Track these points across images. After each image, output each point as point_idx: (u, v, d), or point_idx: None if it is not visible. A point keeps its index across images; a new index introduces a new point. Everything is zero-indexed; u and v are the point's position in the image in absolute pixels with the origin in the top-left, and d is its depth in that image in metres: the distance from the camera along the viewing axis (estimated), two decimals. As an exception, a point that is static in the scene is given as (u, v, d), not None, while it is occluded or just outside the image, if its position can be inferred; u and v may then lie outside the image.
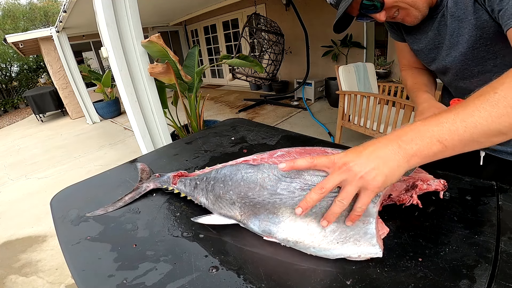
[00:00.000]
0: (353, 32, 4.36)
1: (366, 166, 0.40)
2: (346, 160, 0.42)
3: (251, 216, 0.50)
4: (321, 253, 0.44)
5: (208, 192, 0.57)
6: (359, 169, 0.40)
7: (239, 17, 6.34)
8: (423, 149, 0.39)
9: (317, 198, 0.42)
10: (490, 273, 0.38)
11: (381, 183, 0.40)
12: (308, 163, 0.44)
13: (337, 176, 0.41)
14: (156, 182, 0.71)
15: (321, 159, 0.44)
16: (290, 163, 0.44)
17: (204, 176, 0.61)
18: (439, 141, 0.39)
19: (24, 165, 4.05)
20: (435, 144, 0.39)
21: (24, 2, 17.17)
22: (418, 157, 0.40)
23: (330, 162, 0.43)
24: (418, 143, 0.40)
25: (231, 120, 1.21)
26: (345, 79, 2.68)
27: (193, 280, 0.43)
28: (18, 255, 2.06)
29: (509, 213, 0.49)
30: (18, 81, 11.22)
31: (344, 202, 0.41)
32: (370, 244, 0.42)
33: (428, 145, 0.39)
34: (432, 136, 0.39)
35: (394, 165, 0.40)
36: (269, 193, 0.48)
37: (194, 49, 2.56)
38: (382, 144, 0.41)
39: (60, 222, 0.63)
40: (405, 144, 0.40)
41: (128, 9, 1.88)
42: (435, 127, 0.40)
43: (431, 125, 0.40)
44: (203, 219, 0.55)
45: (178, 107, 2.63)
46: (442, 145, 0.39)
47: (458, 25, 0.58)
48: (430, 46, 0.68)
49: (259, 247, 0.49)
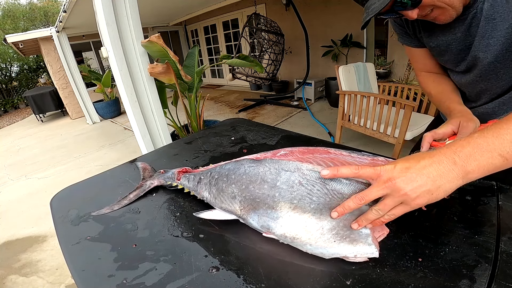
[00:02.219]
0: (353, 32, 4.35)
1: (412, 183, 0.39)
2: (392, 175, 0.40)
3: (250, 211, 0.50)
4: (317, 251, 0.44)
5: (211, 186, 0.59)
6: (404, 186, 0.39)
7: (239, 17, 6.34)
8: (483, 164, 0.38)
9: (354, 207, 0.42)
10: (490, 273, 0.38)
11: (424, 201, 0.39)
12: (353, 173, 0.43)
13: (380, 190, 0.41)
14: (161, 179, 0.72)
15: (367, 169, 0.42)
16: (334, 170, 0.44)
17: (208, 171, 0.62)
18: (500, 155, 0.37)
19: (24, 165, 4.05)
20: (496, 158, 0.37)
21: (24, 2, 17.18)
22: (477, 173, 0.38)
23: (376, 174, 0.42)
24: (477, 158, 0.38)
25: (231, 120, 1.21)
26: (345, 79, 2.68)
27: (193, 280, 0.43)
28: (18, 255, 2.06)
29: (509, 213, 0.49)
30: (18, 81, 11.22)
31: (380, 212, 0.41)
32: (366, 244, 0.42)
33: (488, 160, 0.37)
34: (493, 149, 0.37)
35: (444, 182, 0.38)
36: (269, 186, 0.49)
37: (194, 49, 2.56)
38: (436, 159, 0.39)
39: (60, 222, 0.63)
40: (462, 160, 0.38)
41: (128, 9, 1.88)
42: (496, 140, 0.38)
43: (490, 137, 0.38)
44: (205, 214, 0.56)
45: (178, 107, 2.63)
46: (504, 158, 0.37)
47: (492, 27, 0.57)
48: (460, 46, 0.66)
49: (259, 247, 0.49)
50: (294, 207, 0.46)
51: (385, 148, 2.76)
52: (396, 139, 2.16)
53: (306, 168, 0.47)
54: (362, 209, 0.44)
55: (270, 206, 0.48)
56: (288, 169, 0.48)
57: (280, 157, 0.55)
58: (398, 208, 0.41)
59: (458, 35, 0.64)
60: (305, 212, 0.45)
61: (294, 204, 0.46)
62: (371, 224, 0.43)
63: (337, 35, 4.56)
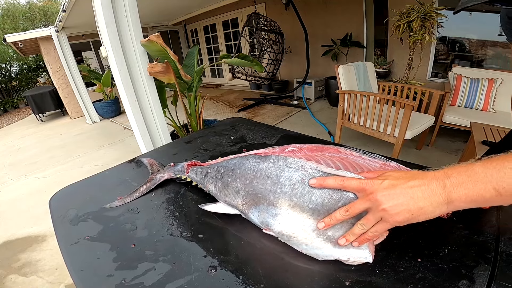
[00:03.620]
0: (353, 32, 4.35)
1: (393, 200, 0.38)
2: (376, 188, 0.40)
3: (251, 207, 0.51)
4: (312, 251, 0.44)
5: (217, 180, 0.59)
6: (385, 201, 0.39)
7: (239, 17, 6.33)
8: (471, 194, 0.35)
9: (341, 219, 0.43)
10: (490, 273, 0.38)
11: (403, 220, 0.38)
12: (338, 185, 0.44)
13: (363, 203, 0.41)
14: (171, 172, 0.73)
15: (352, 182, 0.43)
16: (320, 180, 0.45)
17: (215, 165, 0.63)
18: (494, 188, 0.34)
19: (24, 164, 4.05)
20: (489, 191, 0.35)
21: (23, 2, 17.14)
22: (463, 202, 0.36)
23: (360, 187, 0.42)
24: (468, 187, 0.35)
25: (231, 120, 1.21)
26: (345, 78, 2.68)
27: (192, 280, 0.43)
28: (17, 255, 2.06)
29: (509, 214, 0.49)
30: (17, 81, 11.21)
31: (364, 227, 0.42)
32: (360, 248, 0.42)
33: (479, 191, 0.35)
34: (489, 181, 0.35)
35: (427, 205, 0.37)
36: (272, 182, 0.49)
37: (194, 48, 2.56)
38: (426, 181, 0.38)
39: (59, 222, 0.63)
40: (453, 186, 0.36)
41: (128, 8, 1.88)
42: (496, 173, 0.34)
43: (491, 169, 0.35)
44: (209, 207, 0.57)
45: (177, 107, 2.62)
46: (497, 193, 0.34)
47: None
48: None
49: (258, 247, 0.49)
50: (293, 205, 0.46)
51: (385, 148, 2.76)
52: (396, 139, 2.16)
53: (310, 166, 0.47)
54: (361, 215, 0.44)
55: (270, 202, 0.48)
56: (292, 166, 0.48)
57: (288, 153, 0.55)
58: (379, 225, 0.41)
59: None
60: (303, 212, 0.45)
61: (294, 202, 0.46)
62: (357, 242, 0.43)
63: (337, 35, 4.56)
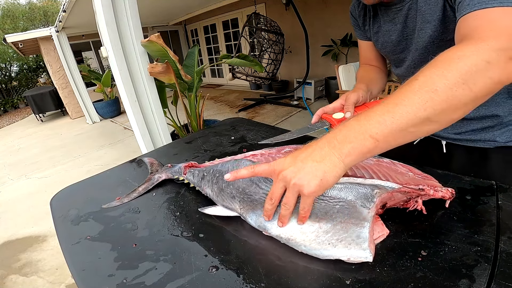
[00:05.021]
0: (353, 32, 4.35)
1: (298, 172, 0.40)
2: (281, 167, 0.42)
3: (249, 211, 0.51)
4: (311, 252, 0.44)
5: (213, 184, 0.60)
6: (292, 176, 0.41)
7: (239, 17, 6.34)
8: (357, 146, 0.39)
9: (271, 208, 0.46)
10: (490, 272, 0.38)
11: (315, 188, 0.40)
12: (249, 173, 0.46)
13: (278, 184, 0.43)
14: (168, 173, 0.73)
15: (261, 166, 0.45)
16: (234, 173, 0.47)
17: (211, 168, 0.63)
18: (371, 136, 0.38)
19: (24, 165, 4.05)
20: (368, 140, 0.38)
21: (23, 2, 17.14)
22: (353, 155, 0.39)
23: (270, 170, 0.44)
24: (352, 140, 0.39)
25: (231, 120, 1.21)
26: (345, 78, 2.68)
27: (193, 280, 0.43)
28: (18, 255, 2.06)
29: (509, 213, 0.49)
30: (17, 81, 11.22)
31: (287, 206, 0.43)
32: (361, 248, 0.42)
33: (361, 142, 0.39)
34: (365, 131, 0.38)
35: (328, 167, 0.39)
36: (263, 192, 0.50)
37: (194, 48, 2.56)
38: (318, 146, 0.41)
39: (60, 222, 0.63)
40: (340, 143, 0.40)
41: (128, 8, 1.88)
42: (366, 122, 0.39)
43: (362, 120, 0.40)
44: (209, 210, 0.57)
45: (178, 107, 2.63)
46: (374, 139, 0.38)
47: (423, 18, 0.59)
48: (399, 38, 0.69)
49: (259, 246, 0.49)
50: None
51: (385, 148, 2.75)
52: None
53: None
54: (362, 215, 0.44)
55: None
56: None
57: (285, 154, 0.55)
58: (302, 201, 0.42)
59: (398, 26, 0.67)
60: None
61: None
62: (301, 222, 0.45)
63: (337, 35, 4.56)
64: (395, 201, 0.50)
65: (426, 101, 0.37)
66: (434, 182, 0.52)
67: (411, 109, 0.37)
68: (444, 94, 0.36)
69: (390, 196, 0.48)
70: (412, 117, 0.37)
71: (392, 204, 0.51)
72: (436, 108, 0.37)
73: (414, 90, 0.38)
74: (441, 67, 0.38)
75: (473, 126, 0.68)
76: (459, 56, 0.38)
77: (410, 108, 0.37)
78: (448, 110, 0.37)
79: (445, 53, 0.40)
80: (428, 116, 0.37)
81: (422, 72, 0.39)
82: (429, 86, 0.37)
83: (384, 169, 0.54)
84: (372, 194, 0.45)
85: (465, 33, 0.44)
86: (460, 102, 0.37)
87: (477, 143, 0.70)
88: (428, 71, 0.39)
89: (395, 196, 0.49)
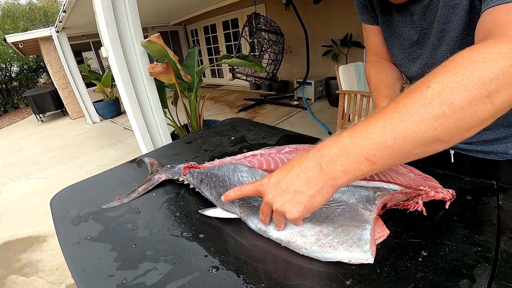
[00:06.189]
0: (353, 32, 4.35)
1: (281, 198, 0.40)
2: (265, 189, 0.42)
3: (249, 214, 0.51)
4: (312, 255, 0.44)
5: (211, 188, 0.60)
6: (274, 202, 0.41)
7: (239, 17, 6.34)
8: (349, 170, 0.34)
9: (265, 219, 0.47)
10: (490, 273, 0.38)
11: (299, 214, 0.39)
12: (236, 195, 0.46)
13: (265, 206, 0.44)
14: (168, 173, 0.73)
15: (247, 187, 0.45)
16: (225, 196, 0.48)
17: (208, 171, 0.63)
18: (366, 159, 0.33)
19: (24, 165, 4.05)
20: (362, 163, 0.33)
21: (23, 2, 17.16)
22: (344, 179, 0.35)
23: (255, 191, 0.44)
24: (343, 163, 0.34)
25: (231, 120, 1.21)
26: (345, 78, 2.68)
27: (193, 280, 0.43)
28: (18, 255, 2.06)
29: (509, 213, 0.49)
30: (18, 81, 11.23)
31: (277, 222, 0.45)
32: (362, 251, 0.42)
33: (354, 165, 0.33)
34: (359, 153, 0.33)
35: (313, 192, 0.37)
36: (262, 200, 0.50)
37: (194, 49, 2.56)
38: (303, 167, 0.37)
39: (60, 222, 0.63)
40: (329, 165, 0.35)
41: (128, 9, 1.88)
42: (362, 140, 0.33)
43: (357, 137, 0.33)
44: (209, 212, 0.57)
45: (178, 107, 2.63)
46: (371, 162, 0.33)
47: (449, 11, 0.51)
48: (412, 30, 0.61)
49: (259, 247, 0.49)
50: None
51: (385, 148, 2.75)
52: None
53: None
54: (364, 217, 0.44)
55: None
56: None
57: (285, 154, 0.55)
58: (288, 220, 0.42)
59: (414, 17, 0.58)
60: None
61: None
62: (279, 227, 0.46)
63: (337, 35, 4.56)
64: (395, 201, 0.50)
65: (438, 118, 0.30)
66: (435, 183, 0.52)
67: (418, 128, 0.30)
68: (461, 109, 0.29)
69: (391, 198, 0.49)
70: (419, 138, 0.31)
71: (393, 204, 0.51)
72: (449, 127, 0.30)
73: (424, 101, 0.30)
74: (462, 73, 0.30)
75: (486, 136, 0.63)
76: (485, 60, 0.30)
77: (418, 127, 0.30)
78: (462, 128, 0.30)
79: (467, 53, 0.31)
80: (438, 136, 0.30)
81: (436, 76, 0.31)
82: (443, 97, 0.29)
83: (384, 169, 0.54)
84: (374, 196, 0.44)
85: (491, 29, 0.36)
86: (479, 119, 0.30)
87: (488, 155, 0.64)
88: (444, 77, 0.30)
89: (396, 197, 0.49)
